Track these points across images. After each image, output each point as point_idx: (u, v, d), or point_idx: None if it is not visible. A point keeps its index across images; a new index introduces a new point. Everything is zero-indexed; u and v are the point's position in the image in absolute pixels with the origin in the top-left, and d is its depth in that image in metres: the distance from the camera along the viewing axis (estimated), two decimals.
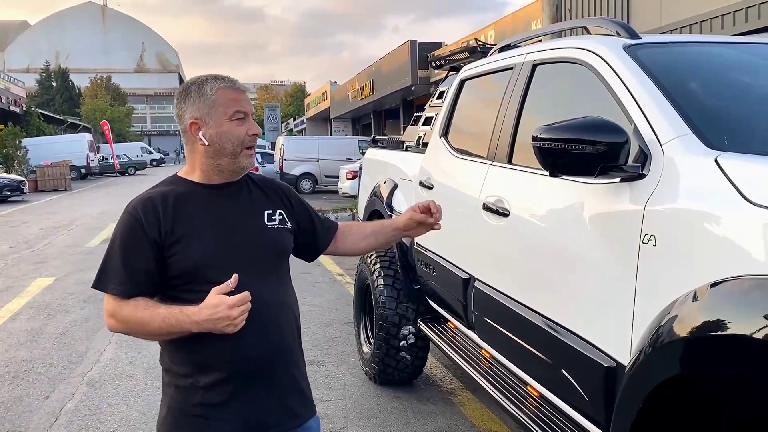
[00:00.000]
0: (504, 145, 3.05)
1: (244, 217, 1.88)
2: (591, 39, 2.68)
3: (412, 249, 4.04)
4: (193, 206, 1.83)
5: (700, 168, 1.85)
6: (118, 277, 1.76)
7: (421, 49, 23.37)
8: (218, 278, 1.73)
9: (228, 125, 1.81)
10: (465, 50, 4.37)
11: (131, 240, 1.78)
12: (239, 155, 1.83)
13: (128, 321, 1.76)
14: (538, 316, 2.51)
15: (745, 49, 2.73)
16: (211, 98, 1.80)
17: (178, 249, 1.77)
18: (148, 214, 1.78)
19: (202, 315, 1.68)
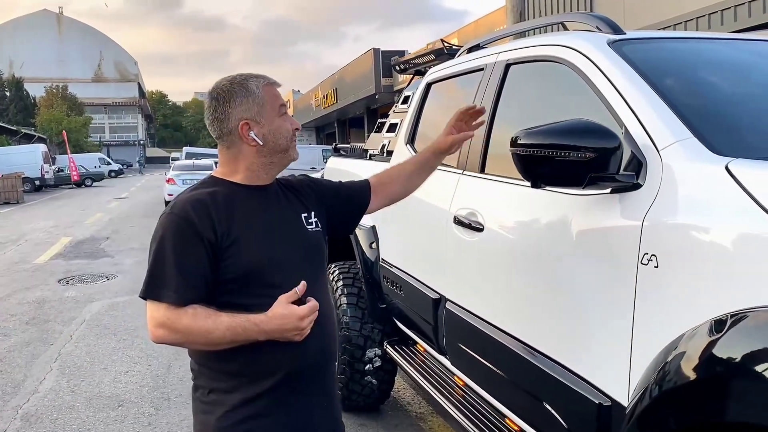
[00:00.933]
0: (476, 153, 2.78)
1: (288, 219, 1.86)
2: (571, 35, 2.43)
3: (377, 265, 3.75)
4: (243, 207, 1.78)
5: (708, 176, 1.60)
6: (173, 283, 1.66)
7: (384, 57, 23.20)
8: (275, 281, 1.72)
9: (278, 121, 1.81)
10: (431, 52, 4.12)
11: (184, 242, 1.69)
12: (290, 148, 1.85)
13: (188, 331, 1.66)
14: (519, 344, 2.24)
15: (734, 46, 2.52)
16: (259, 96, 1.78)
17: (234, 251, 1.71)
18: (200, 214, 1.71)
19: (272, 325, 1.66)
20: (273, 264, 1.75)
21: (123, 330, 6.21)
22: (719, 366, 1.36)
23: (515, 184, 2.41)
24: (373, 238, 3.82)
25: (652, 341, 1.65)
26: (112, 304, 7.26)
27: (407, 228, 3.39)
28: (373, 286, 3.82)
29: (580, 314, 1.93)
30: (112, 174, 49.47)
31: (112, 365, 5.23)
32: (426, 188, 3.21)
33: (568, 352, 1.98)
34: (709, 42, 2.50)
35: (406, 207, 3.35)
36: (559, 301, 2.04)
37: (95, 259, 10.54)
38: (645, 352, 1.67)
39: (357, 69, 25.35)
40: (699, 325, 1.47)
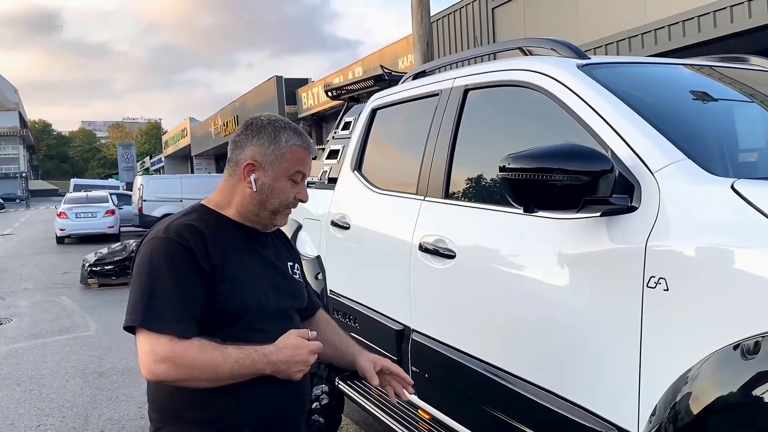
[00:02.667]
0: (438, 179, 2.72)
1: (278, 264, 1.82)
2: (537, 60, 2.44)
3: (325, 297, 3.60)
4: (236, 244, 1.71)
5: (714, 197, 1.62)
6: (174, 312, 1.54)
7: (287, 84, 23.10)
8: (261, 326, 1.65)
9: (283, 182, 1.73)
10: (370, 78, 4.05)
11: (184, 269, 1.58)
12: (279, 214, 1.76)
13: (194, 365, 1.52)
14: (505, 374, 2.17)
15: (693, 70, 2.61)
16: (282, 150, 1.72)
17: (226, 288, 1.62)
18: (197, 242, 1.61)
19: (282, 355, 1.58)
20: (262, 308, 1.69)
21: (27, 379, 5.65)
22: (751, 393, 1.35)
23: (489, 209, 2.38)
24: (319, 269, 3.68)
25: (662, 365, 1.63)
26: (10, 351, 6.61)
27: (361, 257, 3.28)
28: None
29: (578, 341, 1.89)
30: None
31: (20, 420, 4.71)
32: (383, 216, 3.15)
33: (566, 382, 1.94)
34: (668, 67, 2.58)
35: (361, 235, 3.25)
36: (552, 328, 1.99)
37: None
38: (655, 377, 1.65)
39: (259, 96, 25.05)
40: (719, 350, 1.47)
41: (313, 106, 21.51)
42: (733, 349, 1.44)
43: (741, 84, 2.58)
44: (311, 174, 4.26)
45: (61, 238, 19.02)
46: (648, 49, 8.80)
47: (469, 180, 2.65)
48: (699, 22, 8.24)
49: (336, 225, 3.46)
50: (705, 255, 1.56)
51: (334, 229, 3.48)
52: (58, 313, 8.54)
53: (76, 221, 19.08)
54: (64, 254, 16.20)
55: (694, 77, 2.52)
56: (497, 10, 12.14)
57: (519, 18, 11.61)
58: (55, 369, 5.93)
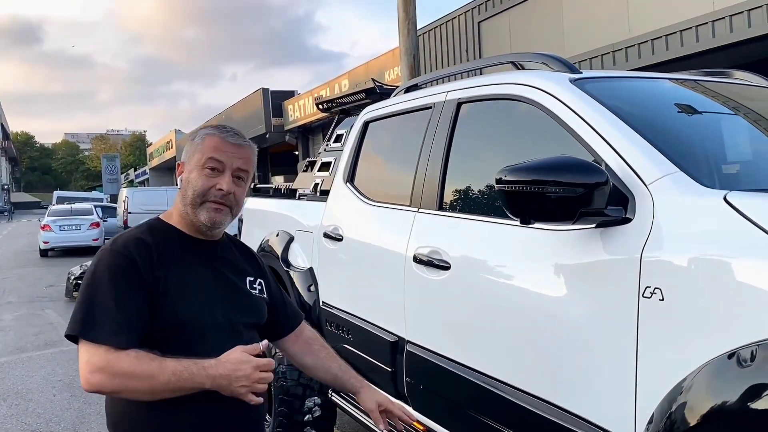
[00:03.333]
0: (432, 190, 2.75)
1: (231, 279, 1.78)
2: (530, 74, 2.48)
3: (318, 308, 3.60)
4: (184, 257, 1.71)
5: (707, 208, 1.66)
6: (112, 324, 1.54)
7: (273, 97, 23.11)
8: (206, 341, 1.63)
9: (197, 173, 1.70)
10: (361, 91, 4.08)
11: (125, 281, 1.59)
12: (199, 206, 1.70)
13: (128, 375, 1.52)
14: (502, 385, 2.19)
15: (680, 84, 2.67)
16: (196, 143, 1.73)
17: (166, 301, 1.62)
18: (142, 254, 1.63)
19: (221, 370, 1.54)
20: (206, 321, 1.67)
21: (14, 394, 5.58)
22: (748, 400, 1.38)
23: (484, 221, 2.40)
24: (311, 281, 3.68)
25: (658, 374, 1.66)
26: None
27: (354, 269, 3.29)
28: None
29: (575, 351, 1.91)
30: None
31: None
32: (376, 228, 3.17)
33: (563, 392, 1.96)
34: (658, 81, 2.63)
35: (354, 247, 3.26)
36: (548, 338, 2.01)
37: None
38: (651, 386, 1.67)
39: (245, 108, 25.03)
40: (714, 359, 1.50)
41: (299, 119, 21.54)
42: (728, 358, 1.47)
43: (726, 98, 2.64)
44: (303, 186, 4.29)
45: (44, 251, 18.82)
46: (632, 63, 8.93)
47: (463, 191, 2.68)
48: (681, 36, 8.39)
49: (329, 237, 3.48)
50: (699, 265, 1.59)
51: (327, 241, 3.49)
52: (42, 327, 8.44)
53: (60, 234, 18.89)
54: (48, 267, 16.02)
55: (683, 91, 2.58)
56: (483, 23, 12.27)
57: (505, 31, 11.74)
58: (41, 383, 5.86)
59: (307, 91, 21.43)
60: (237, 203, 1.74)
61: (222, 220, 1.72)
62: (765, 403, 1.37)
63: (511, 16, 11.61)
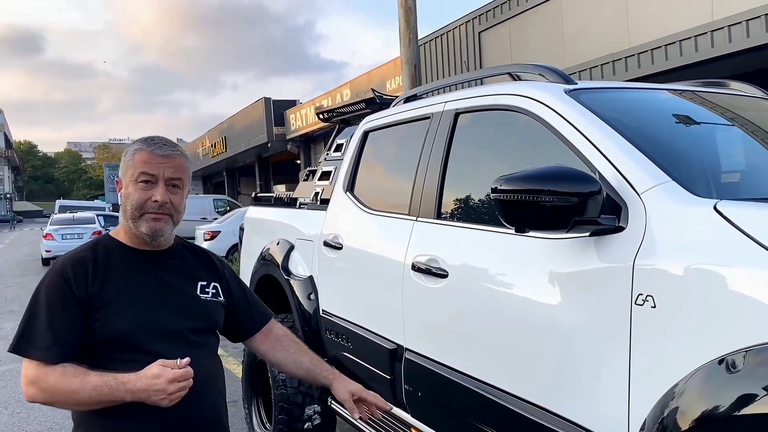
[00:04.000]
0: (430, 199, 2.78)
1: (177, 286, 1.84)
2: (525, 85, 2.52)
3: (318, 316, 3.63)
4: (125, 269, 1.78)
5: (697, 217, 1.69)
6: (43, 340, 1.65)
7: (275, 106, 23.20)
8: (153, 349, 1.69)
9: (132, 187, 1.77)
10: (361, 101, 4.13)
11: (58, 300, 1.69)
12: (138, 219, 1.77)
13: (54, 390, 1.63)
14: (498, 392, 2.21)
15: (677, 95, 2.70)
16: (128, 159, 1.79)
17: (102, 314, 1.70)
18: (77, 272, 1.71)
19: (139, 384, 1.62)
20: (147, 330, 1.73)
21: (15, 402, 5.61)
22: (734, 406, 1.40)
23: (480, 229, 2.43)
24: (311, 289, 3.71)
25: (651, 380, 1.68)
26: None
27: (353, 277, 3.32)
28: (313, 339, 3.68)
29: (569, 358, 1.94)
30: None
31: None
32: (375, 236, 3.20)
33: (558, 398, 1.98)
34: (652, 92, 2.67)
35: (354, 255, 3.29)
36: (543, 345, 2.04)
37: None
38: (644, 392, 1.70)
39: (247, 117, 25.12)
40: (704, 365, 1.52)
41: (301, 128, 21.62)
42: (718, 364, 1.50)
43: (722, 108, 2.67)
44: (303, 195, 4.33)
45: (47, 260, 18.86)
46: (632, 72, 8.98)
47: (460, 200, 2.71)
48: (681, 46, 8.44)
49: (328, 245, 3.51)
50: (690, 273, 1.62)
51: (327, 249, 3.52)
52: None
53: (63, 242, 18.94)
54: None
55: (677, 102, 2.61)
56: (484, 33, 12.34)
57: (505, 41, 11.81)
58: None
59: (309, 100, 21.52)
60: (176, 210, 1.80)
61: (162, 228, 1.78)
62: (755, 407, 1.40)
63: (511, 26, 11.68)
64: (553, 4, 10.74)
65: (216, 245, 14.71)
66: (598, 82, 2.78)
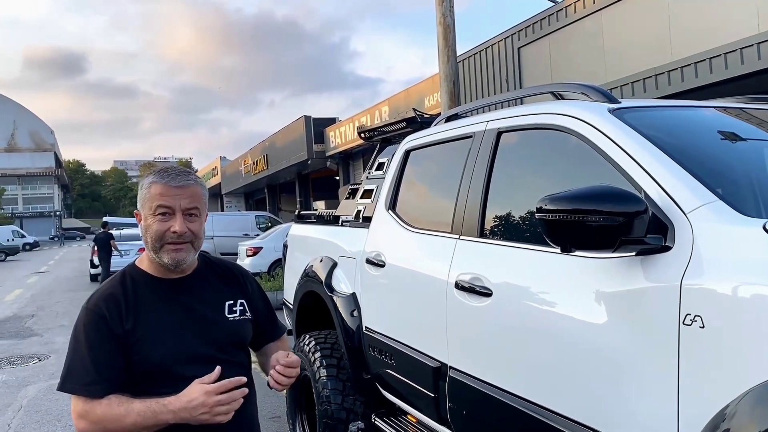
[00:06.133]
0: (473, 218, 2.81)
1: (204, 311, 1.90)
2: (569, 104, 2.53)
3: (361, 333, 3.66)
4: (153, 301, 1.84)
5: (746, 237, 1.68)
6: (87, 377, 1.74)
7: (315, 124, 23.50)
8: (185, 373, 1.76)
9: (151, 219, 1.82)
10: (402, 120, 4.18)
11: (98, 337, 1.77)
12: (160, 250, 1.82)
13: (102, 420, 1.72)
14: (544, 411, 2.21)
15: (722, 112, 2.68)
16: (143, 192, 1.85)
17: (140, 348, 1.79)
18: (111, 309, 1.79)
19: (179, 403, 1.70)
20: (181, 358, 1.81)
21: (68, 415, 5.76)
22: None
23: (524, 248, 2.44)
24: (354, 306, 3.75)
25: (700, 401, 1.67)
26: (50, 387, 6.75)
27: (396, 294, 3.35)
28: (357, 356, 3.73)
29: (617, 378, 1.93)
30: (27, 247, 47.04)
31: None
32: (418, 254, 3.23)
33: (606, 419, 1.97)
34: (698, 109, 2.65)
35: (397, 273, 3.33)
36: (590, 365, 2.04)
37: (22, 338, 9.86)
38: (693, 414, 1.68)
39: (288, 135, 25.49)
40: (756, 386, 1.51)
41: (340, 145, 21.83)
42: None
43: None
44: (346, 213, 4.39)
45: (94, 276, 19.37)
46: (674, 87, 8.85)
47: (503, 219, 2.72)
48: (726, 59, 8.29)
49: (371, 263, 3.55)
50: (739, 293, 1.61)
51: (369, 267, 3.57)
52: None
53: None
54: None
55: (724, 119, 2.59)
56: (523, 49, 12.32)
57: (545, 57, 11.77)
58: None
59: (348, 118, 21.73)
60: (196, 236, 1.85)
61: (184, 258, 1.83)
62: None
63: (551, 41, 11.64)
64: (593, 19, 10.68)
65: (258, 261, 14.92)
66: (642, 101, 2.77)
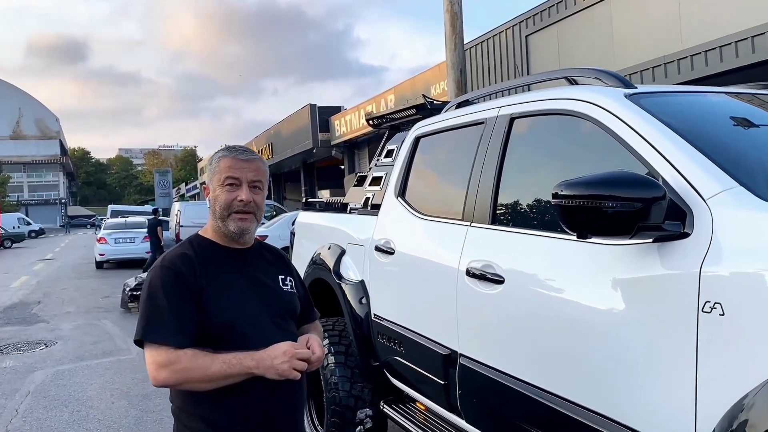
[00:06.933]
0: (484, 205, 2.78)
1: (264, 279, 2.04)
2: (584, 89, 2.49)
3: (369, 320, 3.65)
4: (220, 264, 1.97)
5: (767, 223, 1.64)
6: (170, 327, 1.82)
7: (320, 112, 23.43)
8: (247, 333, 1.88)
9: (219, 190, 1.97)
10: (411, 107, 4.14)
11: (177, 291, 1.86)
12: (227, 219, 1.97)
13: (188, 369, 1.79)
14: (556, 399, 2.19)
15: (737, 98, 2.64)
16: (214, 166, 2.00)
17: (211, 306, 1.89)
18: (186, 267, 1.90)
19: (264, 354, 1.81)
20: (247, 319, 1.92)
21: (75, 400, 5.79)
22: None
23: (537, 235, 2.42)
24: (363, 293, 3.73)
25: (718, 390, 1.65)
26: (57, 373, 6.79)
27: (406, 282, 3.33)
28: (365, 343, 3.72)
29: (633, 366, 1.91)
30: (33, 234, 47.18)
31: None
32: (428, 241, 3.21)
33: (621, 407, 1.95)
34: (713, 95, 2.61)
35: (406, 260, 3.31)
36: (605, 353, 2.01)
37: (29, 325, 9.89)
38: (711, 403, 1.66)
39: (293, 124, 25.44)
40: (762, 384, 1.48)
41: (345, 133, 21.77)
42: None
43: None
44: (354, 200, 4.36)
45: (100, 263, 19.44)
46: (684, 75, 8.77)
47: (516, 206, 2.69)
48: (737, 47, 8.21)
49: (380, 250, 3.53)
50: (761, 280, 1.58)
51: (379, 254, 3.54)
52: (100, 336, 8.73)
53: (115, 246, 19.48)
54: (103, 279, 16.56)
55: (741, 105, 2.55)
56: (531, 37, 12.23)
57: (553, 45, 11.68)
58: (100, 391, 6.06)
59: (354, 106, 21.65)
60: (259, 208, 2.00)
61: (248, 227, 1.99)
62: None
63: (559, 29, 11.55)
64: (602, 7, 10.58)
65: None
66: (658, 86, 2.73)
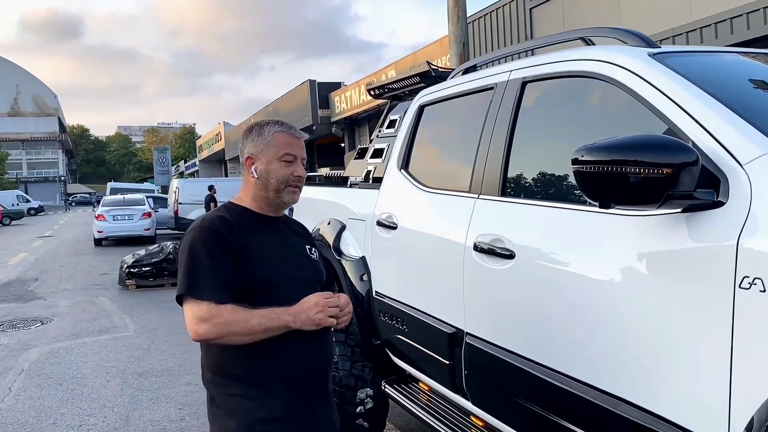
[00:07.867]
0: (493, 176, 2.61)
1: (294, 245, 2.15)
2: (605, 49, 2.31)
3: (371, 298, 3.50)
4: (256, 228, 2.06)
5: None
6: (211, 283, 1.90)
7: (320, 88, 23.11)
8: (285, 295, 1.96)
9: (276, 164, 2.04)
10: (415, 75, 3.95)
11: (217, 249, 1.94)
12: (282, 191, 2.06)
13: (228, 322, 1.86)
14: (571, 381, 2.05)
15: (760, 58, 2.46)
16: (267, 139, 2.06)
17: (249, 265, 1.96)
18: (225, 227, 1.98)
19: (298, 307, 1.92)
20: (282, 280, 2.01)
21: (69, 379, 5.67)
22: None
23: (551, 207, 2.25)
24: (364, 270, 3.58)
25: (757, 375, 1.50)
26: (52, 351, 6.66)
27: (409, 258, 3.17)
28: (366, 321, 3.57)
29: (658, 347, 1.75)
30: (32, 212, 47.05)
31: (62, 419, 4.71)
32: (433, 215, 3.04)
33: (643, 391, 1.80)
34: (744, 56, 2.43)
35: (410, 235, 3.15)
36: (628, 334, 1.86)
37: (25, 302, 9.77)
38: (748, 389, 1.51)
39: (292, 100, 25.13)
40: None
41: (345, 110, 21.50)
42: None
43: None
44: (355, 173, 4.19)
45: (98, 240, 19.31)
46: None
47: (528, 176, 2.53)
48: (748, 18, 7.98)
49: (382, 225, 3.37)
50: None
51: (381, 230, 3.38)
52: (97, 314, 8.61)
53: (114, 224, 19.34)
54: (101, 256, 16.44)
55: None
56: (535, 10, 11.95)
57: (558, 18, 11.41)
58: (95, 369, 5.95)
59: (354, 82, 21.36)
60: (303, 183, 2.13)
61: (298, 199, 2.12)
62: None
63: (564, 1, 11.27)
64: None
65: None
66: (685, 46, 2.55)
